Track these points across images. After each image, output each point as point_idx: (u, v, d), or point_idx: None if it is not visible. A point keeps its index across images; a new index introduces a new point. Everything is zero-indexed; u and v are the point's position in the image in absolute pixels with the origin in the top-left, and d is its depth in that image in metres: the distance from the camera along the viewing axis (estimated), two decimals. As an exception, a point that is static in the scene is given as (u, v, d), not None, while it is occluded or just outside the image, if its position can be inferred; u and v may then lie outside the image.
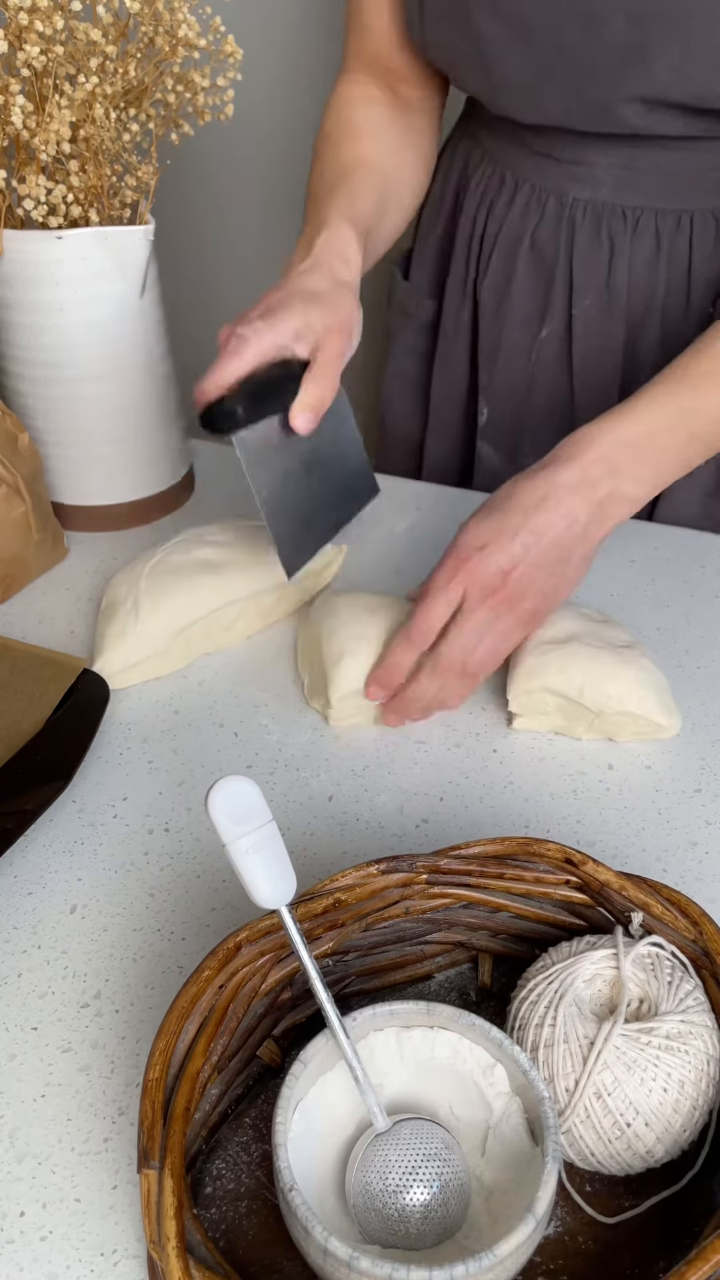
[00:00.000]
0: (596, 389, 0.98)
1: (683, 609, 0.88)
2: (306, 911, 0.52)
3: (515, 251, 0.96)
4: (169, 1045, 0.47)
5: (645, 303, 0.93)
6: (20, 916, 0.64)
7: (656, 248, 0.90)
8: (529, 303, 0.98)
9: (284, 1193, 0.43)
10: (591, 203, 0.90)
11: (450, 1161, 0.47)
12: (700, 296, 0.91)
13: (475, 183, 0.99)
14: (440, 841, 0.68)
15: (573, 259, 0.93)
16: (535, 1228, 0.42)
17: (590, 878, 0.54)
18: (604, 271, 0.93)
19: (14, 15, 0.78)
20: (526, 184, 0.94)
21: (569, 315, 0.96)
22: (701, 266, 0.90)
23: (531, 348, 0.99)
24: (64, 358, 0.89)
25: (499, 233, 0.97)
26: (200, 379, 0.70)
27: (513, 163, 0.94)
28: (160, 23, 0.82)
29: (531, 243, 0.95)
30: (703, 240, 0.89)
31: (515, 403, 1.03)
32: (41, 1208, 0.50)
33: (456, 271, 1.03)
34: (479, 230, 0.99)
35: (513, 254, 0.96)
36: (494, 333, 1.01)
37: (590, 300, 0.94)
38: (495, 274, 0.99)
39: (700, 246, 0.89)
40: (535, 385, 1.01)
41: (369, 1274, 0.41)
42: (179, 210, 1.51)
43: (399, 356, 1.13)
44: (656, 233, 0.90)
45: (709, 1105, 0.49)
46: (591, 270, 0.93)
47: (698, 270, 0.90)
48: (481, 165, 0.98)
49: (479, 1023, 0.49)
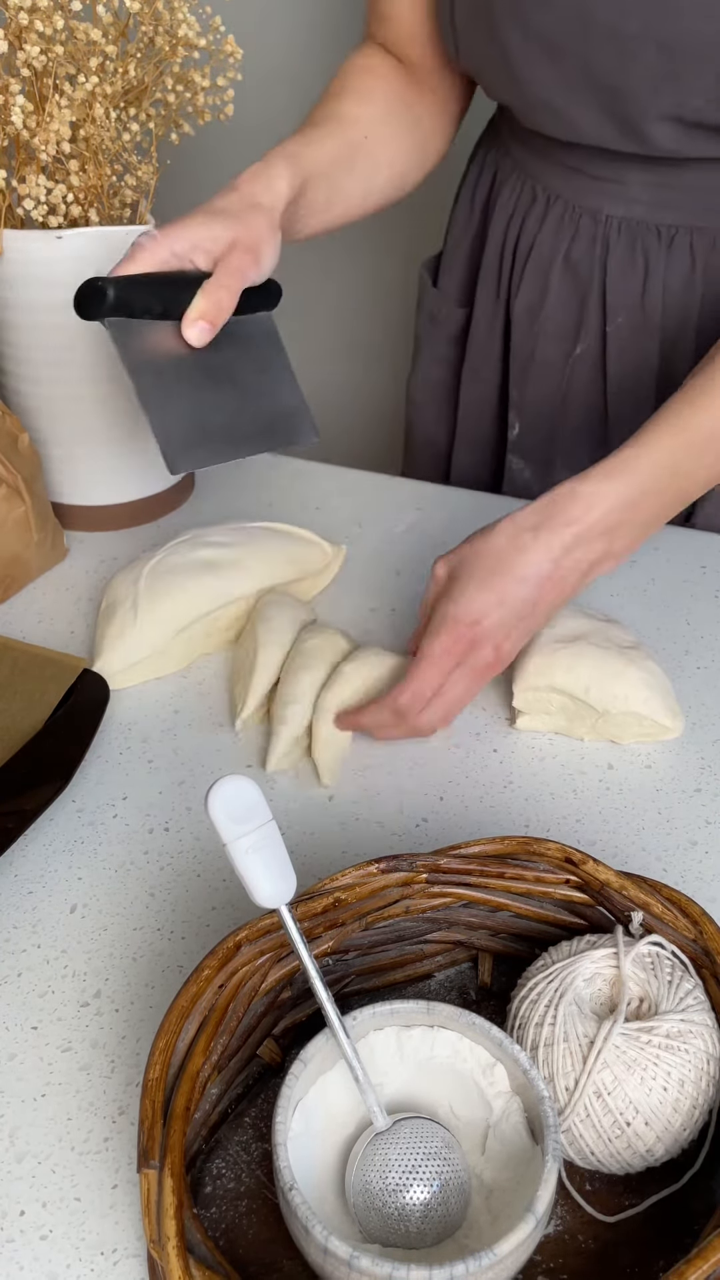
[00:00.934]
0: (631, 407, 0.97)
1: (683, 609, 0.88)
2: (306, 911, 0.52)
3: (549, 268, 0.95)
4: (169, 1044, 0.47)
5: (680, 321, 0.92)
6: (20, 916, 0.64)
7: (691, 266, 0.89)
8: (563, 320, 0.96)
9: (284, 1192, 0.43)
10: (626, 220, 0.89)
11: (450, 1160, 0.47)
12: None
13: (506, 194, 0.97)
14: (440, 841, 0.68)
15: (606, 277, 0.92)
16: (535, 1226, 0.42)
17: (590, 877, 0.54)
18: (639, 290, 0.91)
19: (14, 15, 0.78)
20: (559, 200, 0.92)
21: (603, 333, 0.94)
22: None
23: (565, 365, 0.98)
24: (64, 358, 0.89)
25: (532, 248, 0.95)
26: None
27: (544, 177, 0.93)
28: (160, 22, 0.82)
29: (566, 260, 0.93)
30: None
31: (548, 419, 1.02)
32: (41, 1207, 0.50)
33: (488, 283, 1.01)
34: (511, 244, 0.98)
35: (546, 271, 0.95)
36: (527, 348, 0.99)
37: (624, 319, 0.93)
38: (529, 290, 0.97)
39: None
40: (568, 402, 1.00)
41: (369, 1273, 0.41)
42: (179, 210, 1.50)
43: (427, 363, 1.11)
44: (691, 251, 0.88)
45: (709, 1104, 0.49)
46: (626, 289, 0.92)
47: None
48: (512, 176, 0.96)
49: (479, 1022, 0.49)
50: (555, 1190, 0.44)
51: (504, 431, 1.06)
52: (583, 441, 1.01)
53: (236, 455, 0.73)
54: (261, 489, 1.05)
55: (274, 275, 0.76)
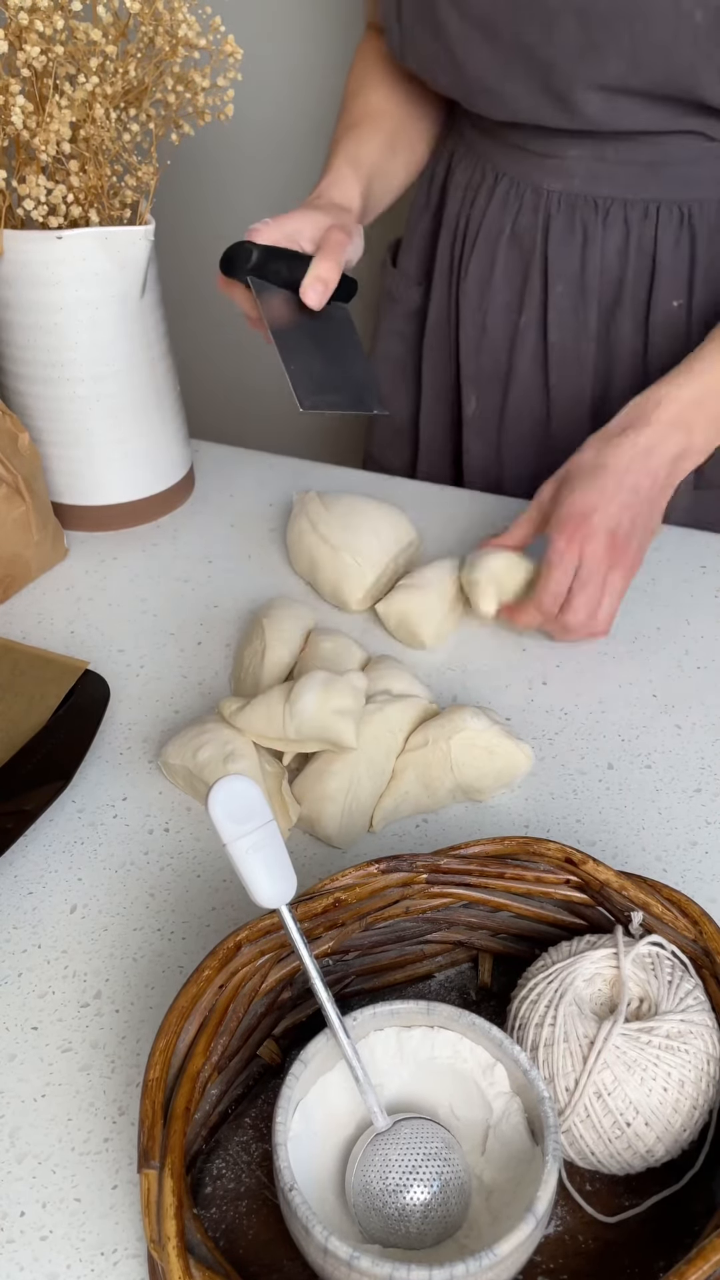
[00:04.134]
0: (572, 377, 1.00)
1: (682, 609, 0.88)
2: (306, 911, 0.52)
3: (497, 242, 0.99)
4: (169, 1045, 0.47)
5: (615, 291, 0.95)
6: (20, 916, 0.64)
7: (626, 236, 0.93)
8: (508, 291, 1.00)
9: (284, 1192, 0.43)
10: (565, 193, 0.93)
11: (450, 1161, 0.47)
12: (667, 286, 0.93)
13: (459, 175, 1.02)
14: (440, 841, 0.68)
15: (548, 247, 0.95)
16: (535, 1227, 0.42)
17: (590, 877, 0.54)
18: (577, 259, 0.95)
19: (14, 15, 0.78)
20: (506, 176, 0.96)
21: (545, 303, 0.98)
22: (667, 258, 0.92)
23: (511, 336, 1.01)
24: (64, 358, 0.89)
25: (481, 224, 0.99)
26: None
27: (492, 156, 0.97)
28: (160, 22, 0.82)
29: (511, 232, 0.97)
30: (668, 231, 0.91)
31: (497, 393, 1.05)
32: (41, 1207, 0.50)
33: (442, 262, 1.05)
34: (463, 223, 1.02)
35: (494, 244, 0.99)
36: (477, 322, 1.03)
37: (563, 287, 0.96)
38: (479, 264, 1.01)
39: (665, 238, 0.92)
40: (514, 375, 1.03)
41: (369, 1273, 0.41)
42: (179, 210, 1.51)
43: (386, 339, 1.15)
44: (626, 222, 0.92)
45: (709, 1104, 0.49)
46: (565, 257, 0.95)
47: (663, 262, 0.92)
48: (465, 159, 1.01)
49: (479, 1022, 0.49)
50: (555, 1191, 0.44)
51: (459, 409, 1.09)
52: (527, 414, 1.04)
53: (340, 408, 0.82)
54: (262, 489, 1.05)
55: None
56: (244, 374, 1.66)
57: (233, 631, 0.86)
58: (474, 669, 0.82)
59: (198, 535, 0.98)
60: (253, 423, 1.69)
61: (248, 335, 1.77)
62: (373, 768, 0.69)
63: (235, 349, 1.63)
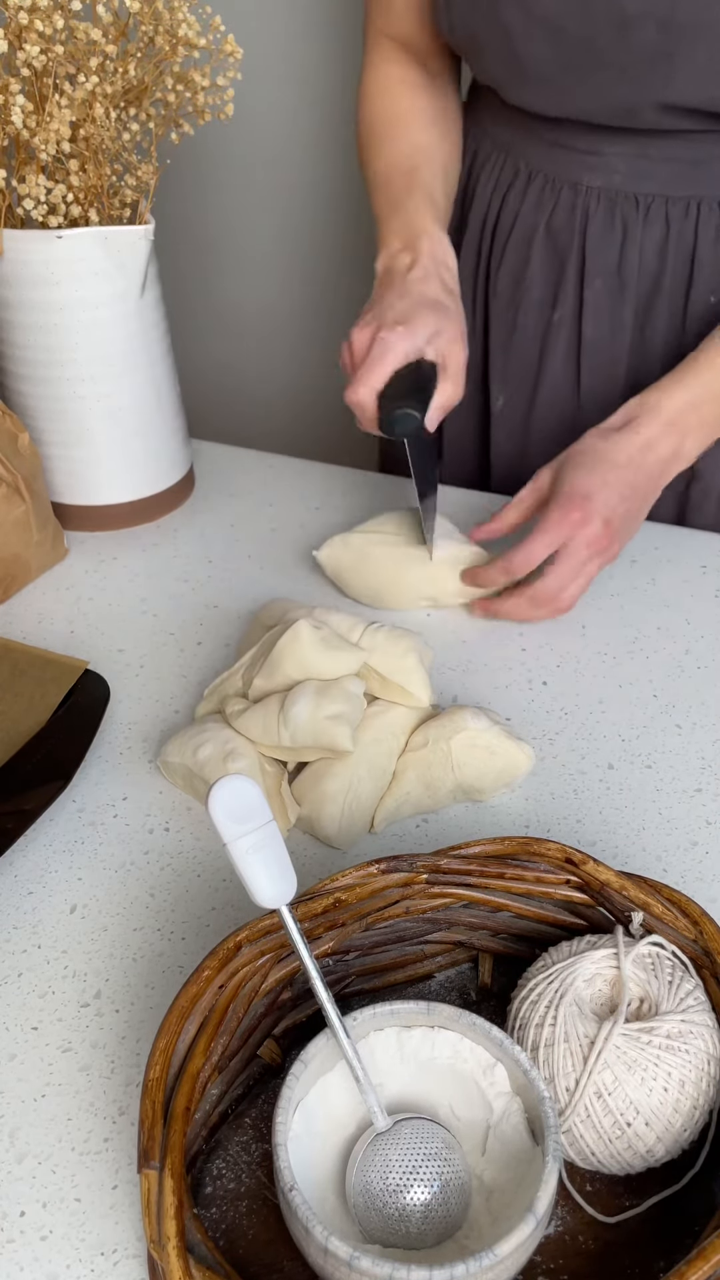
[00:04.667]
0: (603, 377, 1.00)
1: (683, 608, 0.88)
2: (307, 911, 0.52)
3: (530, 239, 0.98)
4: (169, 1045, 0.47)
5: (652, 288, 0.95)
6: (20, 916, 0.64)
7: (666, 234, 0.92)
8: (543, 287, 1.00)
9: (284, 1192, 0.43)
10: (605, 190, 0.92)
11: (451, 1161, 0.47)
12: (704, 283, 0.93)
13: (488, 173, 1.00)
14: (440, 841, 0.68)
15: (586, 244, 0.95)
16: (536, 1227, 0.42)
17: (590, 877, 0.54)
18: (615, 256, 0.94)
19: (14, 15, 0.78)
20: (540, 174, 0.96)
21: (580, 299, 0.97)
22: (706, 253, 0.92)
23: (544, 333, 1.01)
24: (64, 358, 0.89)
25: (514, 222, 0.99)
26: (351, 383, 0.79)
27: (525, 153, 0.96)
28: (160, 22, 0.82)
29: (546, 230, 0.97)
30: (708, 227, 0.91)
31: (527, 389, 1.05)
32: (42, 1207, 0.50)
33: (468, 259, 1.05)
34: (492, 220, 1.01)
35: (528, 242, 0.98)
36: (508, 318, 1.02)
37: (601, 283, 0.96)
38: (511, 261, 1.00)
39: (705, 233, 0.91)
40: (545, 371, 1.02)
41: (369, 1273, 0.41)
42: (179, 210, 1.51)
43: None
44: (666, 219, 0.92)
45: (709, 1105, 0.49)
46: (603, 254, 0.95)
47: (702, 257, 0.92)
48: (493, 156, 1.00)
49: (479, 1022, 0.49)
50: (556, 1191, 0.44)
51: (488, 405, 1.09)
52: (554, 412, 1.03)
53: (431, 523, 0.87)
54: (262, 489, 1.05)
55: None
56: (244, 374, 1.66)
57: (233, 631, 0.86)
58: (474, 669, 0.82)
59: (198, 535, 0.98)
60: (253, 423, 1.69)
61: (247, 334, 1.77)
62: (373, 768, 0.69)
63: (235, 348, 1.63)
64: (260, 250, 1.52)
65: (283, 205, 1.48)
